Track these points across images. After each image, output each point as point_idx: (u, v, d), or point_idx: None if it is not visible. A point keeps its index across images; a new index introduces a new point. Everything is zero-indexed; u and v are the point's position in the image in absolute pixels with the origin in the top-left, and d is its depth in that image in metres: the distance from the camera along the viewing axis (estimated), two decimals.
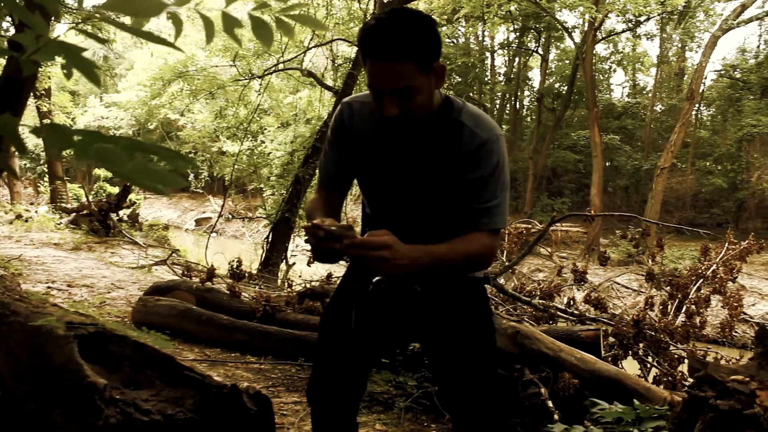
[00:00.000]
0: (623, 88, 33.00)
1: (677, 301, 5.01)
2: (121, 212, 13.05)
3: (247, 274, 5.83)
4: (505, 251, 6.61)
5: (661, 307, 4.96)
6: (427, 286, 1.82)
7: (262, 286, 10.65)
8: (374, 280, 1.82)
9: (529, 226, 20.21)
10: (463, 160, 1.69)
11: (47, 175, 17.55)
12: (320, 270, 7.80)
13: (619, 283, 16.88)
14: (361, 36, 1.58)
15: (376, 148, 1.80)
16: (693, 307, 4.89)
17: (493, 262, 1.81)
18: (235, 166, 14.34)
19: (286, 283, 10.54)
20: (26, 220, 12.86)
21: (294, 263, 11.52)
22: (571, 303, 5.15)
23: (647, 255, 13.95)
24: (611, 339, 4.62)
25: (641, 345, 4.77)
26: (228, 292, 5.47)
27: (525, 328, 3.87)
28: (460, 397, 1.86)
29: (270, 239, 11.58)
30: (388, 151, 1.78)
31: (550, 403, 3.38)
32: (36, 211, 14.31)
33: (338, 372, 1.89)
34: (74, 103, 28.47)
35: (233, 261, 5.75)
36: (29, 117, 16.24)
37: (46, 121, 16.20)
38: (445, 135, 1.71)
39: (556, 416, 3.27)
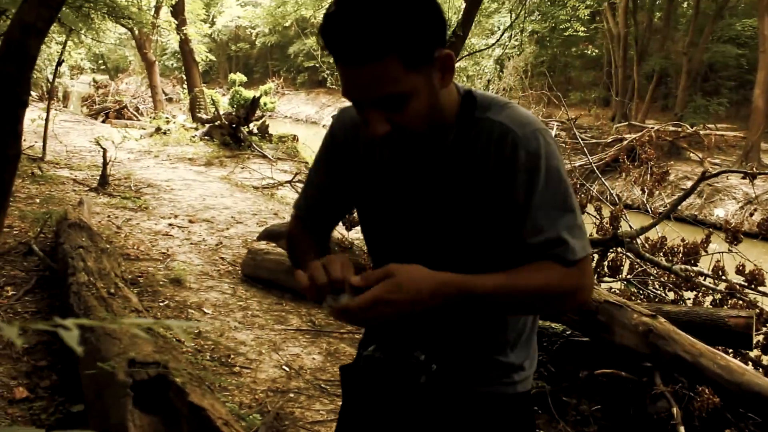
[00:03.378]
0: None
1: None
2: (251, 125, 13.17)
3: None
4: (645, 185, 5.90)
5: None
6: (444, 362, 1.28)
7: None
8: (364, 352, 1.33)
9: (679, 129, 18.63)
10: (499, 171, 1.18)
11: (185, 83, 18.03)
12: None
13: None
14: (321, 27, 1.11)
15: (378, 168, 1.31)
16: None
17: (577, 304, 1.22)
18: None
19: None
20: (165, 133, 13.31)
21: None
22: (720, 272, 4.47)
23: None
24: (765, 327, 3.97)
25: None
26: (340, 239, 5.26)
27: (660, 325, 3.33)
28: None
29: None
30: (393, 172, 1.29)
31: (682, 430, 2.91)
32: (174, 122, 14.78)
33: None
34: (212, 3, 28.92)
35: None
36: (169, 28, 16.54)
37: (184, 29, 16.46)
38: (469, 142, 1.20)
39: None
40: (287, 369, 3.53)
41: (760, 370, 3.86)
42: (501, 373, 1.32)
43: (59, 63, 10.19)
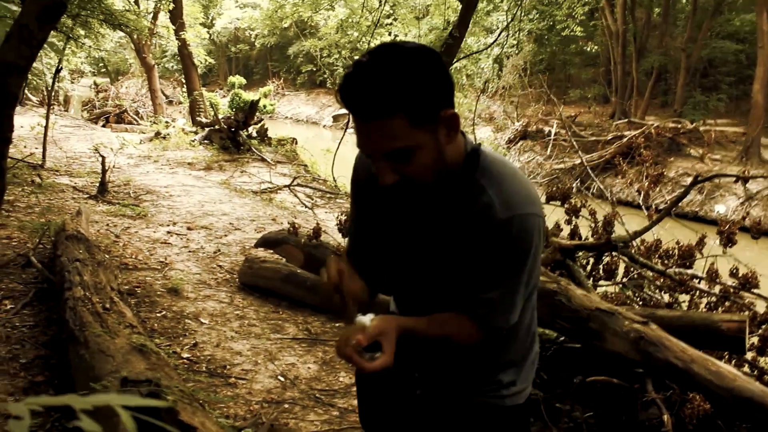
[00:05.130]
0: None
1: None
2: (250, 128, 13.20)
3: None
4: (641, 188, 5.91)
5: None
6: (439, 379, 1.54)
7: None
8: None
9: (679, 126, 18.60)
10: (476, 235, 1.34)
11: (185, 86, 18.07)
12: None
13: None
14: (339, 85, 1.25)
15: (388, 206, 1.48)
16: None
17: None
18: None
19: None
20: (164, 137, 13.35)
21: None
22: (714, 275, 4.48)
23: None
24: (762, 329, 3.98)
25: None
26: (336, 248, 5.28)
27: (651, 331, 3.35)
28: None
29: None
30: (400, 211, 1.46)
31: None
32: (173, 127, 14.82)
33: None
34: (211, 5, 28.90)
35: (341, 214, 5.52)
36: (165, 31, 16.59)
37: (182, 34, 16.49)
38: (461, 199, 1.35)
39: None
40: (282, 379, 3.56)
41: (756, 372, 3.88)
42: (491, 389, 1.51)
43: (58, 70, 10.24)
